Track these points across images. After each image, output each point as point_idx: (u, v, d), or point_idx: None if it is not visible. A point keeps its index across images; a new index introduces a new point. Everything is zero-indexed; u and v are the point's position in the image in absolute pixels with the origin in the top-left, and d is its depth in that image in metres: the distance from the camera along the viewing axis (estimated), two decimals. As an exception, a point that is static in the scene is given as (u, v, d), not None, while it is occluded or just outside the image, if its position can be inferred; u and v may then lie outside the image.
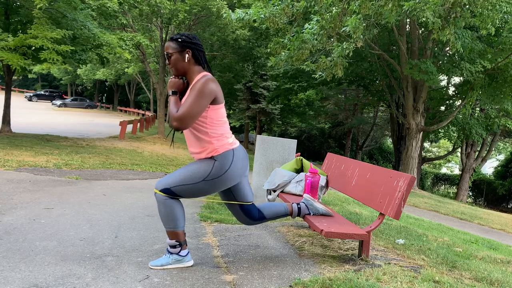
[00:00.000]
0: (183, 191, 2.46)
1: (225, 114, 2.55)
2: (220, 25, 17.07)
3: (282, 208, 2.85)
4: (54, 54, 10.04)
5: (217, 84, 2.44)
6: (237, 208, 2.73)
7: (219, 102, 2.45)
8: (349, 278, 2.35)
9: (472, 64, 12.80)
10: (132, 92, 47.96)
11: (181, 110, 2.35)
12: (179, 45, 2.47)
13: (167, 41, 2.53)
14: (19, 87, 57.61)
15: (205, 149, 2.49)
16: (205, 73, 2.49)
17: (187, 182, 2.45)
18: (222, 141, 2.49)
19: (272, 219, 2.84)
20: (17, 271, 2.33)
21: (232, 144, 2.53)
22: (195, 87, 2.38)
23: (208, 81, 2.39)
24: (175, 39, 2.48)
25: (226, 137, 2.51)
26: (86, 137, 15.44)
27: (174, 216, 2.48)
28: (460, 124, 18.31)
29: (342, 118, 29.34)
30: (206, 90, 2.36)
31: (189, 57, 2.47)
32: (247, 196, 2.72)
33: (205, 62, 2.55)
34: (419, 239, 3.83)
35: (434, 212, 10.81)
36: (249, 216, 2.74)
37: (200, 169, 2.46)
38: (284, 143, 5.23)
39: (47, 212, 3.90)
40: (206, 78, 2.40)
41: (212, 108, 2.43)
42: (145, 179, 7.41)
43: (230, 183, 2.54)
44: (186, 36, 2.48)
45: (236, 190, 2.68)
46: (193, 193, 2.49)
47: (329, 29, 9.48)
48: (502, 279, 2.62)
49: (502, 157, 31.51)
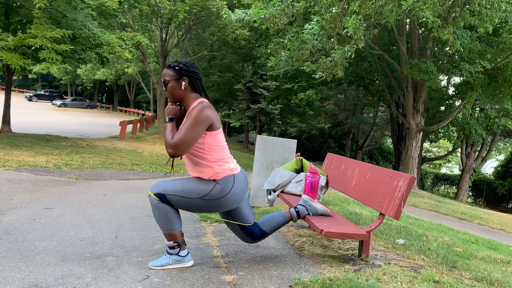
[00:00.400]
0: (177, 202, 2.47)
1: (224, 139, 2.56)
2: (220, 25, 17.06)
3: (281, 217, 2.86)
4: (53, 53, 10.04)
5: (213, 110, 2.46)
6: (238, 230, 2.75)
7: (215, 128, 2.46)
8: (349, 278, 2.35)
9: (471, 65, 12.79)
10: (132, 92, 47.96)
11: (176, 137, 2.37)
12: (176, 73, 2.48)
13: (164, 69, 2.55)
14: (19, 87, 57.60)
15: (205, 173, 2.50)
16: (202, 99, 2.50)
17: (184, 194, 2.46)
18: (222, 166, 2.50)
19: (274, 231, 2.87)
20: (17, 271, 2.33)
21: (233, 169, 2.54)
22: (191, 114, 2.40)
23: (204, 108, 2.39)
24: (172, 67, 2.49)
25: (227, 162, 2.52)
26: (86, 137, 15.44)
27: (169, 219, 2.49)
28: (460, 124, 18.31)
29: (342, 118, 29.34)
30: (201, 117, 2.37)
31: (185, 85, 2.48)
32: (248, 217, 2.74)
33: (202, 90, 2.56)
34: (419, 239, 3.83)
35: (434, 212, 10.81)
36: (250, 236, 2.76)
37: (200, 186, 2.48)
38: (284, 143, 5.23)
39: (47, 212, 3.90)
40: (202, 105, 2.41)
41: (209, 135, 2.44)
42: (145, 179, 7.41)
43: (227, 207, 2.56)
44: (184, 64, 2.50)
45: (236, 213, 2.70)
46: (186, 207, 2.50)
47: (329, 29, 9.47)
48: (502, 279, 2.62)
49: (502, 157, 31.52)
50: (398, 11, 8.41)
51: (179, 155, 2.40)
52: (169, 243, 2.55)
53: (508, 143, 29.79)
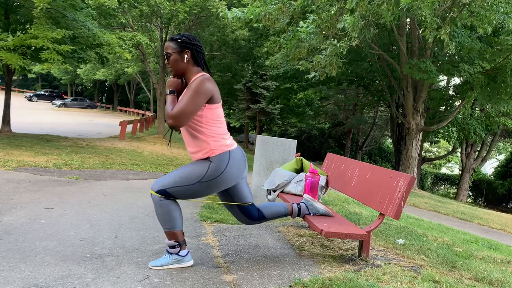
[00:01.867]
0: (179, 193, 2.46)
1: (222, 115, 2.55)
2: (220, 26, 17.07)
3: (282, 208, 2.84)
4: (54, 54, 10.04)
5: (214, 83, 2.45)
6: (236, 209, 2.73)
7: (215, 101, 2.46)
8: (349, 278, 2.35)
9: (471, 65, 12.79)
10: (132, 92, 47.95)
11: (176, 108, 2.36)
12: (179, 46, 2.48)
13: (167, 41, 2.54)
14: (19, 87, 57.60)
15: (201, 149, 2.49)
16: (203, 73, 2.50)
17: (183, 183, 2.45)
18: (218, 142, 2.48)
19: (272, 218, 2.84)
20: (17, 271, 2.33)
21: (229, 145, 2.52)
22: (191, 85, 2.40)
23: (205, 80, 2.40)
24: (175, 40, 2.49)
25: (223, 138, 2.51)
26: (86, 137, 15.44)
27: (171, 217, 2.48)
28: (459, 124, 18.31)
29: (342, 118, 29.34)
30: (202, 89, 2.37)
31: (188, 58, 2.48)
32: (246, 197, 2.72)
33: (204, 64, 2.56)
34: (419, 239, 3.83)
35: (434, 212, 10.81)
36: (248, 216, 2.74)
37: (195, 170, 2.46)
38: (284, 143, 5.23)
39: (47, 212, 3.90)
40: (203, 77, 2.42)
41: (208, 107, 2.44)
42: (145, 179, 7.41)
43: (225, 185, 2.54)
44: (186, 37, 2.49)
45: (234, 191, 2.68)
46: (189, 195, 2.49)
47: (325, 28, 9.47)
48: (502, 279, 2.62)
49: (502, 157, 31.52)
50: (395, 10, 8.41)
51: (179, 126, 2.39)
52: (169, 242, 2.55)
53: (508, 143, 29.79)
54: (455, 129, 19.99)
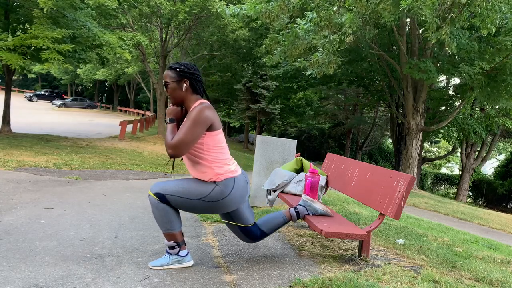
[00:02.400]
0: (176, 202, 2.47)
1: (224, 140, 2.56)
2: (220, 26, 17.07)
3: (280, 218, 2.85)
4: (55, 54, 10.05)
5: (213, 111, 2.46)
6: (238, 230, 2.75)
7: (215, 128, 2.46)
8: (349, 278, 2.35)
9: (471, 66, 12.79)
10: (132, 92, 47.95)
11: (175, 138, 2.37)
12: (177, 75, 2.48)
13: (165, 70, 2.55)
14: (19, 87, 57.60)
15: (205, 174, 2.50)
16: (202, 100, 2.51)
17: (184, 195, 2.46)
18: (223, 167, 2.49)
19: (274, 231, 2.87)
20: (17, 271, 2.33)
21: (233, 172, 2.54)
22: (190, 114, 2.40)
23: (204, 109, 2.40)
24: (174, 69, 2.50)
25: (227, 163, 2.52)
26: (86, 137, 15.44)
27: (168, 219, 2.49)
28: (459, 124, 18.31)
29: (342, 118, 29.34)
30: (201, 118, 2.37)
31: (186, 87, 2.49)
32: (247, 219, 2.74)
33: (203, 91, 2.56)
34: (419, 239, 3.83)
35: (434, 212, 10.81)
36: (250, 237, 2.77)
37: (200, 188, 2.48)
38: (284, 143, 5.23)
39: (47, 212, 3.90)
40: (202, 105, 2.42)
41: (208, 135, 2.44)
42: (145, 179, 7.41)
43: (226, 209, 2.55)
44: (185, 66, 2.50)
45: (236, 214, 2.70)
46: (186, 207, 2.50)
47: (324, 26, 9.48)
48: (502, 279, 2.62)
49: (502, 157, 31.51)
50: (395, 10, 8.41)
51: (179, 156, 2.40)
52: (169, 243, 2.55)
53: (508, 143, 29.80)
54: (455, 129, 19.99)
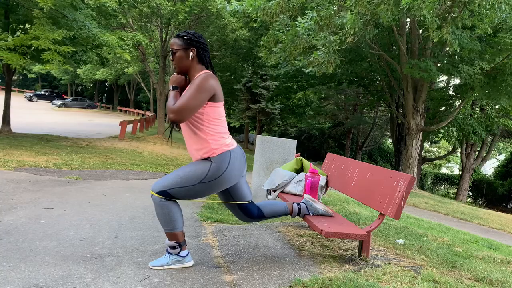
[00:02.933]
0: (180, 193, 2.46)
1: (224, 114, 2.54)
2: (220, 26, 17.07)
3: (282, 207, 2.84)
4: (56, 55, 10.05)
5: (217, 81, 2.45)
6: (236, 207, 2.73)
7: (217, 100, 2.45)
8: (349, 278, 2.35)
9: (471, 66, 12.79)
10: (132, 92, 47.95)
11: (178, 103, 2.35)
12: (185, 43, 2.48)
13: (172, 38, 2.54)
14: (19, 87, 57.58)
15: (202, 148, 2.48)
16: (207, 71, 2.50)
17: (184, 184, 2.44)
18: (218, 141, 2.48)
19: (271, 217, 2.84)
20: (17, 271, 2.33)
21: (229, 145, 2.52)
22: (194, 81, 2.39)
23: (208, 77, 2.39)
24: (181, 36, 2.49)
25: (223, 137, 2.50)
26: (86, 137, 15.44)
27: (172, 218, 2.48)
28: (459, 124, 18.31)
29: (342, 118, 29.33)
30: (205, 85, 2.36)
31: (193, 55, 2.48)
32: (245, 196, 2.72)
33: (208, 62, 2.56)
34: (419, 239, 3.83)
35: (434, 212, 10.81)
36: (247, 214, 2.75)
37: (196, 171, 2.46)
38: (284, 143, 5.23)
39: (47, 212, 3.90)
40: (207, 74, 2.42)
41: (209, 105, 2.43)
42: (145, 179, 7.41)
43: (227, 184, 2.54)
44: (192, 35, 2.49)
45: (234, 190, 2.68)
46: (190, 195, 2.48)
47: (324, 25, 9.48)
48: (502, 279, 2.62)
49: (502, 157, 31.51)
50: (395, 11, 8.40)
51: (181, 121, 2.37)
52: (170, 242, 2.54)
53: (508, 143, 29.80)
54: (455, 129, 19.98)
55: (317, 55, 9.72)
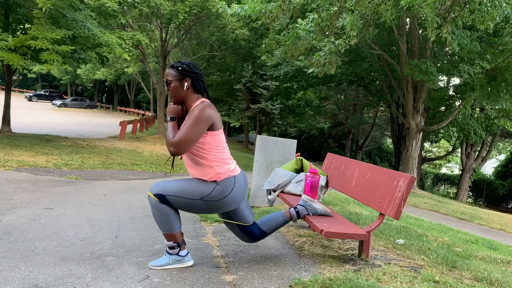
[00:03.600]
0: (177, 203, 2.47)
1: (224, 140, 2.56)
2: (220, 25, 17.07)
3: (280, 218, 2.85)
4: (54, 55, 10.04)
5: (215, 110, 2.46)
6: (238, 230, 2.76)
7: (216, 128, 2.47)
8: (349, 278, 2.35)
9: (471, 66, 12.78)
10: (132, 92, 47.95)
11: (177, 136, 2.37)
12: (179, 73, 2.49)
13: (167, 69, 2.55)
14: (19, 87, 57.58)
15: (207, 173, 2.50)
16: (204, 99, 2.51)
17: (185, 195, 2.46)
18: (223, 167, 2.50)
19: (274, 231, 2.86)
20: (17, 271, 2.33)
21: (234, 171, 2.54)
22: (192, 113, 2.40)
23: (205, 107, 2.40)
24: (175, 67, 2.50)
25: (227, 163, 2.53)
26: (86, 137, 15.44)
27: (168, 220, 2.48)
28: (459, 124, 18.31)
29: (342, 118, 29.33)
30: (203, 116, 2.37)
31: (188, 86, 2.49)
32: (247, 218, 2.74)
33: (204, 91, 2.56)
34: (419, 239, 3.83)
35: (434, 212, 10.81)
36: (250, 236, 2.77)
37: (200, 187, 2.48)
38: (284, 143, 5.23)
39: (47, 212, 3.90)
40: (204, 104, 2.42)
41: (210, 134, 2.45)
42: (145, 179, 7.41)
43: (226, 208, 2.56)
44: (186, 65, 2.50)
45: (235, 213, 2.70)
46: (187, 208, 2.50)
47: (325, 27, 9.49)
48: (502, 279, 2.62)
49: (502, 157, 31.51)
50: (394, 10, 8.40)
51: (181, 154, 2.40)
52: (168, 243, 2.55)
53: (508, 143, 29.80)
54: (455, 129, 19.98)
55: (319, 56, 9.72)
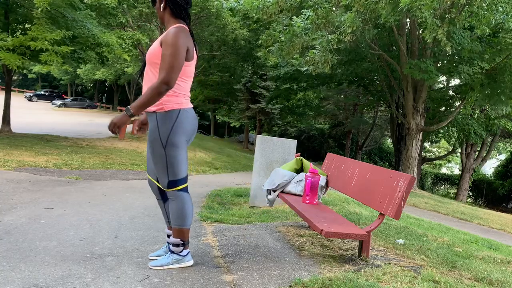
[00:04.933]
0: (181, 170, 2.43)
1: (192, 74, 2.47)
2: (220, 25, 17.08)
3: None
4: (54, 56, 10.04)
5: (189, 36, 2.36)
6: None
7: (190, 58, 2.39)
8: (349, 278, 2.35)
9: (470, 66, 12.79)
10: (132, 92, 47.89)
11: (163, 70, 2.24)
12: None
13: None
14: (19, 87, 57.54)
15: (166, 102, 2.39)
16: (179, 25, 2.37)
17: (171, 160, 2.40)
18: (172, 98, 2.39)
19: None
20: (17, 271, 2.33)
21: (181, 104, 2.41)
22: (167, 39, 2.28)
23: (178, 32, 2.27)
24: None
25: (179, 96, 2.41)
26: (86, 137, 15.44)
27: (185, 212, 2.48)
28: (460, 124, 18.31)
29: (342, 119, 29.33)
30: (179, 41, 2.26)
31: (163, 7, 2.43)
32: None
33: (187, 18, 2.45)
34: (419, 239, 3.83)
35: (434, 212, 10.81)
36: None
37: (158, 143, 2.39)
38: (284, 143, 5.23)
39: (47, 212, 3.90)
40: (176, 29, 2.30)
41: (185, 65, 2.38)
42: (145, 179, 7.40)
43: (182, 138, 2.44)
44: None
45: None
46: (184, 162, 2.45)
47: (320, 24, 9.50)
48: (502, 279, 2.62)
49: (502, 157, 31.52)
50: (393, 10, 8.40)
51: (172, 86, 2.27)
52: (175, 240, 2.52)
53: (508, 143, 29.80)
54: (455, 129, 19.98)
55: (313, 53, 9.72)
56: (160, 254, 2.70)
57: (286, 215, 4.54)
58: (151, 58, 2.40)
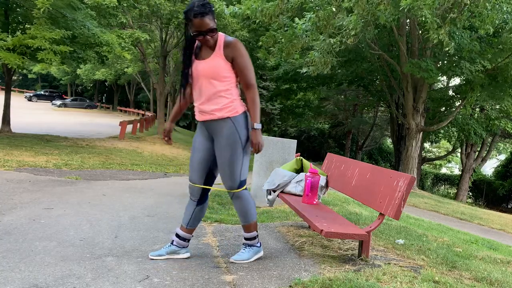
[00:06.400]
0: (245, 171, 2.63)
1: None
2: (220, 26, 17.07)
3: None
4: (51, 54, 10.03)
5: None
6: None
7: None
8: (349, 278, 2.35)
9: (472, 64, 12.79)
10: (132, 92, 47.88)
11: (249, 75, 2.57)
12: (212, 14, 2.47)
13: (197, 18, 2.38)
14: (19, 87, 57.57)
15: (225, 106, 2.56)
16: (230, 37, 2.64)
17: (239, 164, 2.58)
18: (238, 100, 2.63)
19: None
20: (17, 271, 2.33)
21: (244, 106, 2.66)
22: (240, 50, 2.52)
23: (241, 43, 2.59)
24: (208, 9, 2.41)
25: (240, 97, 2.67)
26: (86, 137, 15.44)
27: (252, 207, 2.69)
28: (460, 124, 18.30)
29: (342, 119, 29.33)
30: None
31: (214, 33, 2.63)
32: None
33: None
34: (419, 239, 3.83)
35: (434, 212, 10.80)
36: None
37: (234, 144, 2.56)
38: (284, 143, 5.23)
39: (47, 212, 3.90)
40: (237, 39, 2.59)
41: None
42: (145, 179, 7.41)
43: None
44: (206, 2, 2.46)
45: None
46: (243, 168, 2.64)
47: (322, 26, 9.50)
48: (502, 279, 2.62)
49: (502, 157, 31.52)
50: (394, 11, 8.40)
51: None
52: (250, 234, 2.72)
53: (508, 143, 29.79)
54: (455, 129, 19.97)
55: (313, 55, 9.73)
56: (161, 253, 2.71)
57: (286, 215, 4.54)
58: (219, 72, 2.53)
